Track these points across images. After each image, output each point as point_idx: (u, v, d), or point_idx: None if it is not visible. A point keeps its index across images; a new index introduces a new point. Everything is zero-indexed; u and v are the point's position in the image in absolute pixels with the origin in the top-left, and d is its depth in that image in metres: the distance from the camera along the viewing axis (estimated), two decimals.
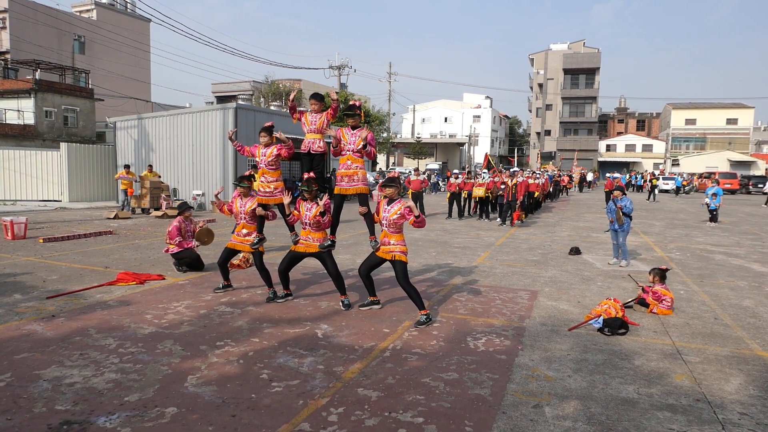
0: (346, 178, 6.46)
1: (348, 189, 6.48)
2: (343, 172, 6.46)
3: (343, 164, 6.46)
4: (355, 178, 6.45)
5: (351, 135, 6.39)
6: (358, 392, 4.11)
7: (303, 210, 6.34)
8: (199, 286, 7.52)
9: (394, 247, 5.89)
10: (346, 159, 6.41)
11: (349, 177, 6.45)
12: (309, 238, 6.36)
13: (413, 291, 5.90)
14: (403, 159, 64.38)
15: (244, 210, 6.84)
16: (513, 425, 3.64)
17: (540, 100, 71.94)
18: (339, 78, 39.24)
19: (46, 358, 4.67)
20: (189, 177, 20.29)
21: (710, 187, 17.87)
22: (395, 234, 5.93)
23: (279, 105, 33.33)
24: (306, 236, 6.39)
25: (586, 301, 7.01)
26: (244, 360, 4.74)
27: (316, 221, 6.23)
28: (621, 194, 9.53)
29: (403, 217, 5.83)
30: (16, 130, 28.15)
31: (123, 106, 35.72)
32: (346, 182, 6.46)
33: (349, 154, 6.38)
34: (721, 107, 63.83)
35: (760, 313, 6.59)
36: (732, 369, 4.74)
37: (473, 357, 4.92)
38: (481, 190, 17.41)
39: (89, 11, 43.90)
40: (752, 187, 41.24)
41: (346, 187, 6.48)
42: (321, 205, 6.14)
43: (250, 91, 50.08)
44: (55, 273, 8.23)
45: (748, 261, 10.43)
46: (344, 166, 6.46)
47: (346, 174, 6.45)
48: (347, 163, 6.43)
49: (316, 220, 6.22)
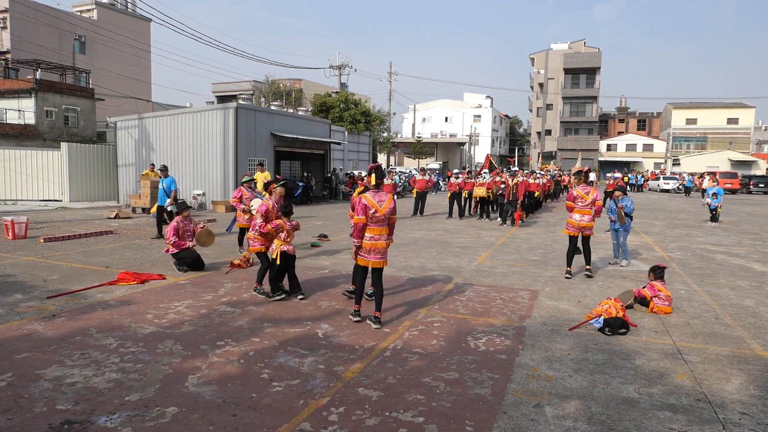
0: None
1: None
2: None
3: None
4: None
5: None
6: (359, 392, 4.11)
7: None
8: (200, 286, 7.52)
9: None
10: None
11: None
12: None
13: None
14: (403, 159, 64.37)
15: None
16: (513, 425, 3.64)
17: (540, 99, 71.87)
18: (339, 78, 39.21)
19: (47, 358, 4.67)
20: (189, 177, 20.29)
21: (710, 186, 17.87)
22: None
23: (279, 105, 33.31)
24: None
25: (586, 301, 7.00)
26: (245, 360, 4.74)
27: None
28: (622, 194, 9.53)
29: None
30: (17, 130, 28.16)
31: (123, 106, 35.72)
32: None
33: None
34: (721, 107, 63.75)
35: (761, 313, 6.59)
36: (733, 369, 4.73)
37: (474, 357, 4.92)
38: (482, 190, 17.42)
39: (90, 11, 43.88)
40: (753, 186, 41.20)
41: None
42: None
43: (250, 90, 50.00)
44: (55, 273, 8.23)
45: (748, 261, 10.42)
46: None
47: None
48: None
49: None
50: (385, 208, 5.73)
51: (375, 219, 5.71)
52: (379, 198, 5.76)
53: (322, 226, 14.82)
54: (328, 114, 32.68)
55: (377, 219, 5.71)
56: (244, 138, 19.85)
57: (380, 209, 5.70)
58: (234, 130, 19.37)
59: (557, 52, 69.28)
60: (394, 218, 5.93)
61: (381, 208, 5.70)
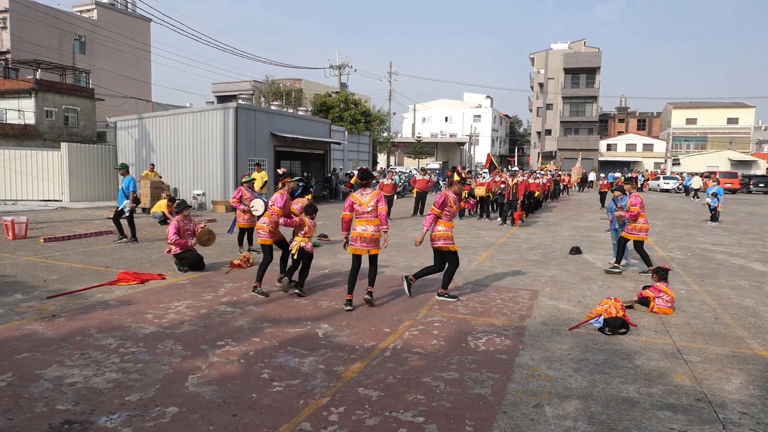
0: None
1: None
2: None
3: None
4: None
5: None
6: (359, 392, 4.11)
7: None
8: (200, 286, 7.52)
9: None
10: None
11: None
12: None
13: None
14: (403, 158, 64.38)
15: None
16: (513, 425, 3.64)
17: (540, 99, 71.85)
18: (339, 78, 39.21)
19: (47, 358, 4.67)
20: (189, 177, 20.29)
21: (710, 186, 17.88)
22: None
23: (279, 105, 33.31)
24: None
25: (586, 301, 7.00)
26: (245, 360, 4.75)
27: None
28: (622, 194, 9.53)
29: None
30: (17, 130, 28.16)
31: (123, 106, 35.71)
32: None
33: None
34: (721, 106, 63.72)
35: (761, 313, 6.59)
36: (733, 368, 4.73)
37: (474, 356, 4.92)
38: (482, 190, 17.43)
39: (90, 11, 43.87)
40: (753, 186, 41.20)
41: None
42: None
43: (250, 90, 49.98)
44: (55, 273, 8.23)
45: (748, 260, 10.42)
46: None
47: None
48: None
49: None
50: (368, 201, 6.39)
51: (360, 212, 6.42)
52: (364, 194, 6.46)
53: (322, 226, 14.80)
54: (328, 114, 32.68)
55: (362, 211, 6.40)
56: (244, 138, 19.84)
57: (363, 203, 6.41)
58: (234, 130, 19.36)
59: (557, 52, 69.26)
60: (382, 209, 6.42)
61: (365, 202, 6.41)
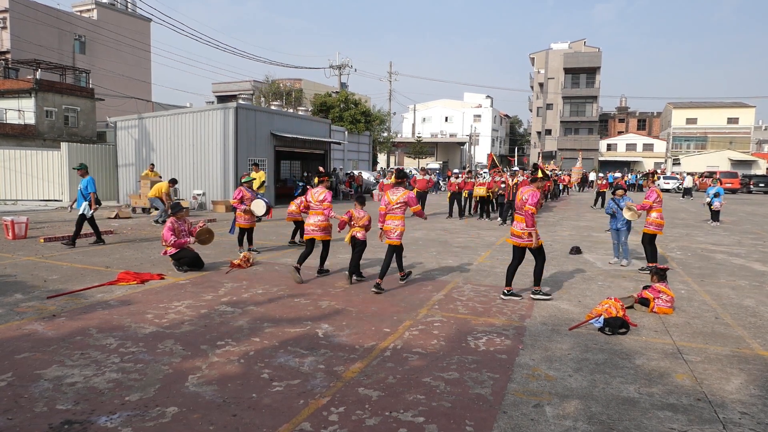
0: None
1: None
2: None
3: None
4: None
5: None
6: (359, 392, 4.11)
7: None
8: (200, 286, 7.52)
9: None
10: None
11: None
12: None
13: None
14: (403, 158, 64.35)
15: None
16: (514, 425, 3.64)
17: (540, 99, 71.85)
18: (339, 77, 39.21)
19: (47, 358, 4.67)
20: (189, 176, 20.29)
21: (711, 186, 17.88)
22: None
23: (279, 104, 33.33)
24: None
25: (586, 301, 7.00)
26: (245, 360, 4.74)
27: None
28: (623, 194, 9.55)
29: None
30: (17, 130, 28.17)
31: (123, 106, 35.72)
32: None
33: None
34: (722, 106, 63.70)
35: (761, 313, 6.58)
36: (733, 368, 4.73)
37: (474, 356, 4.92)
38: (482, 190, 17.43)
39: (90, 11, 43.88)
40: (753, 186, 41.20)
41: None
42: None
43: (250, 90, 49.98)
44: (55, 273, 8.23)
45: (749, 260, 10.42)
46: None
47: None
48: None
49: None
50: (398, 199, 7.51)
51: (389, 209, 7.64)
52: (395, 192, 7.55)
53: None
54: (328, 114, 32.69)
55: (390, 208, 7.59)
56: (244, 138, 19.84)
57: (392, 201, 7.53)
58: (234, 130, 19.36)
59: (557, 51, 69.25)
60: (415, 208, 7.62)
61: (393, 200, 7.51)
